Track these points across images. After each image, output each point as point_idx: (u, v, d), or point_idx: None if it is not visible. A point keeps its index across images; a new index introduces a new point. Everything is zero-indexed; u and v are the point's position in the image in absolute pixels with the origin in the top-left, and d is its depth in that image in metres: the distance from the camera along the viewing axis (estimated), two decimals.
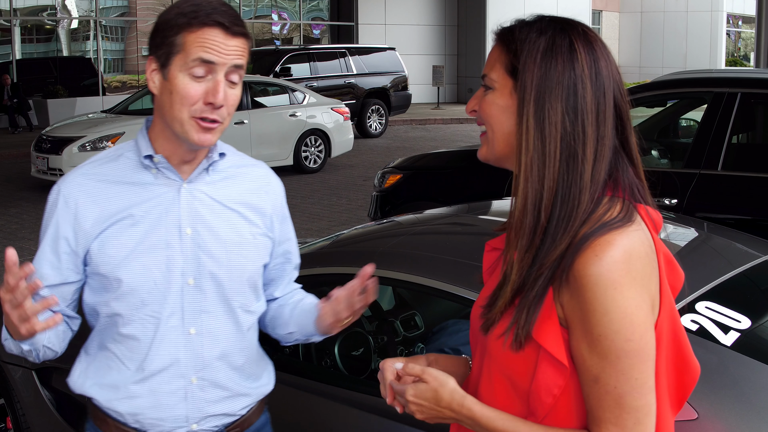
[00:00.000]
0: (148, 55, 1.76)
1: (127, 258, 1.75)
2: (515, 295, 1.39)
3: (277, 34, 25.08)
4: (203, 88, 1.69)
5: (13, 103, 18.21)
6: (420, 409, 1.45)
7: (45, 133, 11.72)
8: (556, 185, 1.37)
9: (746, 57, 34.67)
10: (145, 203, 1.77)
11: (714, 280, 2.51)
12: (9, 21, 20.21)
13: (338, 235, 3.48)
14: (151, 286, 1.76)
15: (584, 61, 1.38)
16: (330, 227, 9.08)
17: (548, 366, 1.37)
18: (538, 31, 1.41)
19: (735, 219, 4.57)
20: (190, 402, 1.83)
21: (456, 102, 26.17)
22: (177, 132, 1.72)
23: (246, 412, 1.94)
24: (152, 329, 1.79)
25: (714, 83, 5.19)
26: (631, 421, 1.33)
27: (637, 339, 1.32)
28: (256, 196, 1.91)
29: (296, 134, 13.10)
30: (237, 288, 1.86)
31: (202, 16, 1.67)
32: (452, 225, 3.53)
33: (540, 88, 1.37)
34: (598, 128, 1.38)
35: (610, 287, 1.30)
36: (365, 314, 3.24)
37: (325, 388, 2.70)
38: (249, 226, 1.87)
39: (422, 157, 6.96)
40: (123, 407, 1.82)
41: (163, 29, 1.71)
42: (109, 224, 1.76)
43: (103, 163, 1.81)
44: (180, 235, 1.78)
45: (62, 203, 1.77)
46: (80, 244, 1.77)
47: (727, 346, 2.20)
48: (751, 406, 2.05)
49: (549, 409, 1.39)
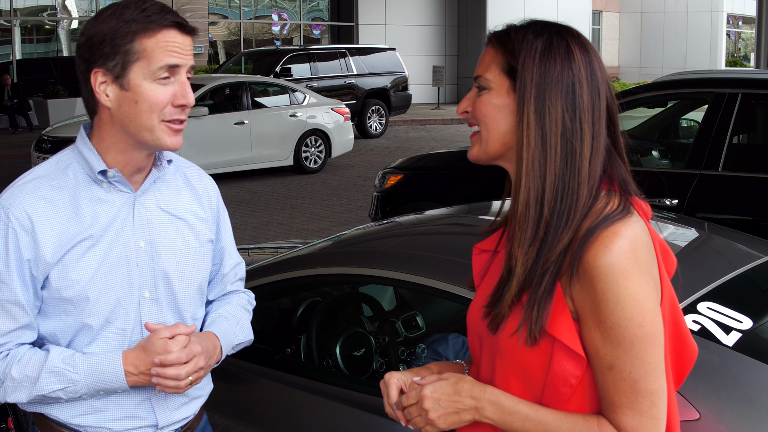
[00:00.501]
0: (89, 68, 1.66)
1: (91, 280, 1.71)
2: (521, 291, 1.43)
3: (277, 35, 25.10)
4: (170, 91, 1.66)
5: (13, 103, 18.21)
6: (436, 405, 1.47)
7: (45, 134, 11.73)
8: (557, 180, 1.41)
9: (746, 57, 34.69)
10: (101, 220, 1.72)
11: (715, 281, 2.51)
12: (9, 21, 20.22)
13: (340, 236, 3.48)
14: (114, 304, 1.74)
15: (580, 62, 1.44)
16: (330, 227, 9.09)
17: (564, 358, 1.41)
18: (534, 33, 1.46)
19: (736, 219, 4.57)
20: (158, 411, 1.83)
21: (456, 102, 26.17)
22: (145, 140, 1.68)
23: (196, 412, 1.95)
24: (117, 345, 1.76)
25: (715, 84, 5.20)
26: (647, 404, 1.38)
27: (648, 324, 1.37)
28: (197, 202, 1.89)
29: (296, 134, 13.10)
30: (188, 297, 1.85)
31: (158, 19, 1.64)
32: (453, 225, 3.53)
33: (540, 86, 1.42)
34: (593, 126, 1.43)
35: (621, 276, 1.36)
36: (367, 314, 3.25)
37: (327, 388, 2.70)
38: (195, 233, 1.86)
39: (423, 157, 6.97)
40: (87, 421, 1.79)
41: (111, 38, 1.63)
42: (69, 248, 1.69)
43: (49, 179, 1.71)
44: (135, 249, 1.76)
45: (17, 225, 1.66)
46: (40, 270, 1.68)
47: (729, 347, 2.20)
48: (753, 406, 2.06)
49: (567, 399, 1.43)
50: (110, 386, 1.71)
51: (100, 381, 1.70)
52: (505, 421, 1.45)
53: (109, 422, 1.80)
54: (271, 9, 25.13)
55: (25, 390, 1.70)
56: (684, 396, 2.02)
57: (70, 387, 1.69)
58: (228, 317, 1.95)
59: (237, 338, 1.95)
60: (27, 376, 1.68)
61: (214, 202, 1.95)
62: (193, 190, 1.89)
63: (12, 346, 1.70)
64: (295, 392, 2.73)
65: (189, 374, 1.69)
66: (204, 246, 1.88)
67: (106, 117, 1.70)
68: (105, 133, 1.72)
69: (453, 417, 1.47)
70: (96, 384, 1.70)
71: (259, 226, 9.29)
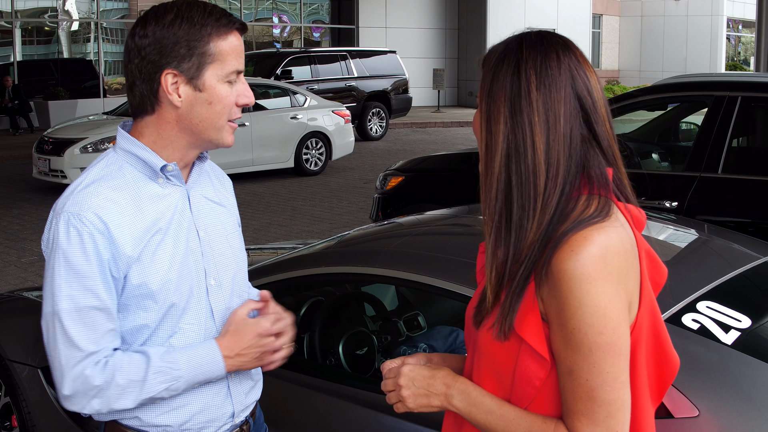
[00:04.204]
0: (160, 70, 1.69)
1: (167, 272, 1.73)
2: (497, 289, 1.46)
3: (278, 37, 25.12)
4: (234, 91, 1.74)
5: (14, 104, 18.24)
6: (410, 383, 1.53)
7: (46, 135, 11.74)
8: (505, 176, 1.44)
9: (746, 61, 34.71)
10: (165, 215, 1.76)
11: (715, 281, 2.54)
12: (10, 23, 20.25)
13: (342, 236, 3.50)
14: (188, 294, 1.78)
15: (530, 60, 1.46)
16: (331, 229, 9.11)
17: (529, 358, 1.43)
18: (501, 45, 1.51)
19: (735, 222, 4.60)
20: (234, 397, 1.87)
21: (456, 105, 26.21)
22: (211, 138, 1.75)
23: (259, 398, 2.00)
24: (195, 336, 1.79)
25: (714, 87, 5.22)
26: (602, 414, 1.37)
27: (609, 333, 1.36)
28: (225, 189, 1.98)
29: (297, 137, 13.13)
30: (243, 279, 1.94)
31: (227, 21, 1.71)
32: (454, 226, 3.56)
33: (489, 92, 1.48)
34: (547, 117, 1.44)
35: (585, 281, 1.35)
36: (369, 314, 3.27)
37: (330, 385, 2.73)
38: (232, 218, 1.95)
39: (424, 159, 6.99)
40: (171, 419, 1.80)
41: (186, 40, 1.68)
42: (144, 243, 1.70)
43: (107, 181, 1.72)
44: (197, 239, 1.81)
45: (93, 229, 1.64)
46: (121, 269, 1.68)
47: (728, 345, 2.23)
48: (752, 403, 2.08)
49: (531, 400, 1.45)
50: (210, 375, 1.76)
51: (201, 372, 1.73)
52: (470, 412, 1.48)
53: (190, 416, 1.81)
54: (272, 11, 25.15)
55: (133, 395, 1.68)
56: (684, 393, 2.05)
57: (174, 384, 1.71)
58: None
59: None
60: (132, 380, 1.67)
61: (231, 192, 2.03)
62: (218, 179, 1.97)
63: (108, 352, 1.69)
64: (299, 389, 2.75)
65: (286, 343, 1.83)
66: (239, 228, 1.98)
67: (170, 116, 1.73)
68: (163, 131, 1.75)
69: (422, 399, 1.53)
70: (197, 376, 1.73)
71: (259, 228, 9.31)
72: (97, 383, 1.66)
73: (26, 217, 9.95)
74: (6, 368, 3.49)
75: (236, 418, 1.89)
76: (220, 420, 1.86)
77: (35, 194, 11.34)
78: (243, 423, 1.92)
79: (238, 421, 1.90)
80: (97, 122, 12.16)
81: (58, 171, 11.10)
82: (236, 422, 1.89)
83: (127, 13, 22.68)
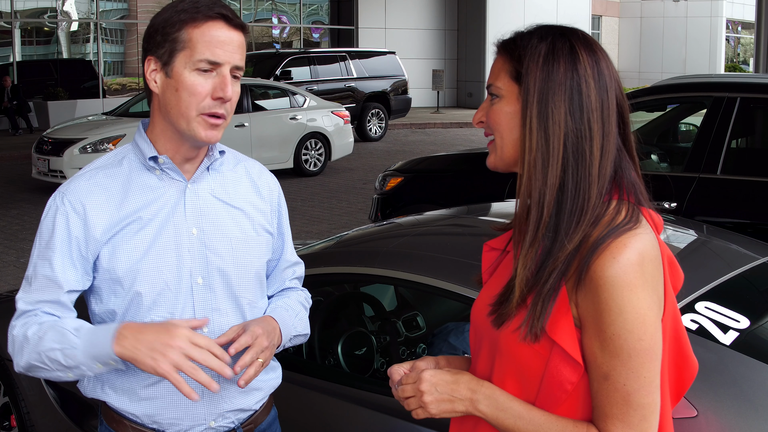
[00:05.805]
0: (145, 56, 1.75)
1: (138, 262, 1.75)
2: (525, 293, 1.43)
3: (277, 38, 25.12)
4: (210, 83, 1.71)
5: (13, 105, 18.23)
6: (433, 389, 1.49)
7: (46, 135, 11.74)
8: (559, 182, 1.42)
9: (745, 62, 34.72)
10: (152, 205, 1.78)
11: (713, 281, 2.54)
12: (9, 23, 20.24)
13: (341, 236, 3.51)
14: (162, 288, 1.78)
15: (586, 62, 1.44)
16: (330, 230, 9.11)
17: (561, 362, 1.42)
18: (539, 37, 1.46)
19: (734, 222, 4.60)
20: (207, 399, 1.84)
21: (456, 106, 26.21)
22: (182, 130, 1.74)
23: (259, 407, 1.97)
24: None
25: (713, 88, 5.23)
26: (637, 417, 1.38)
27: (648, 339, 1.37)
28: (257, 194, 1.94)
29: (296, 137, 13.13)
30: (245, 284, 1.88)
31: (205, 9, 1.70)
32: (453, 226, 3.56)
33: (543, 90, 1.43)
34: (603, 125, 1.43)
35: (626, 288, 1.36)
36: (368, 314, 3.27)
37: (329, 385, 2.73)
38: (251, 222, 1.90)
39: (423, 160, 7.00)
40: (139, 410, 1.82)
41: (162, 27, 1.72)
42: (118, 229, 1.75)
43: (105, 167, 1.81)
44: (188, 235, 1.80)
45: (69, 209, 1.74)
46: (90, 250, 1.75)
47: (727, 345, 2.23)
48: (750, 403, 2.08)
49: (560, 404, 1.44)
50: (100, 350, 1.64)
51: (93, 345, 1.65)
52: (497, 417, 1.46)
53: (158, 411, 1.81)
54: (271, 12, 25.15)
55: (29, 348, 1.70)
56: None
57: (69, 350, 1.66)
58: (286, 308, 1.98)
59: (295, 329, 1.97)
60: (36, 335, 1.70)
61: (275, 197, 2.00)
62: (254, 183, 1.95)
63: (38, 313, 1.75)
64: (298, 389, 2.75)
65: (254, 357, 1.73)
66: (261, 235, 1.92)
67: (156, 104, 1.78)
68: (155, 120, 1.80)
69: (446, 405, 1.49)
70: (90, 348, 1.65)
71: None
72: (14, 332, 1.74)
73: (25, 218, 9.95)
74: (5, 368, 3.49)
75: (210, 421, 1.86)
76: (189, 420, 1.84)
77: (34, 194, 11.33)
78: (230, 431, 1.90)
79: (216, 425, 1.87)
80: (96, 123, 12.15)
81: (57, 171, 11.10)
82: (213, 426, 1.87)
83: (127, 14, 22.67)
